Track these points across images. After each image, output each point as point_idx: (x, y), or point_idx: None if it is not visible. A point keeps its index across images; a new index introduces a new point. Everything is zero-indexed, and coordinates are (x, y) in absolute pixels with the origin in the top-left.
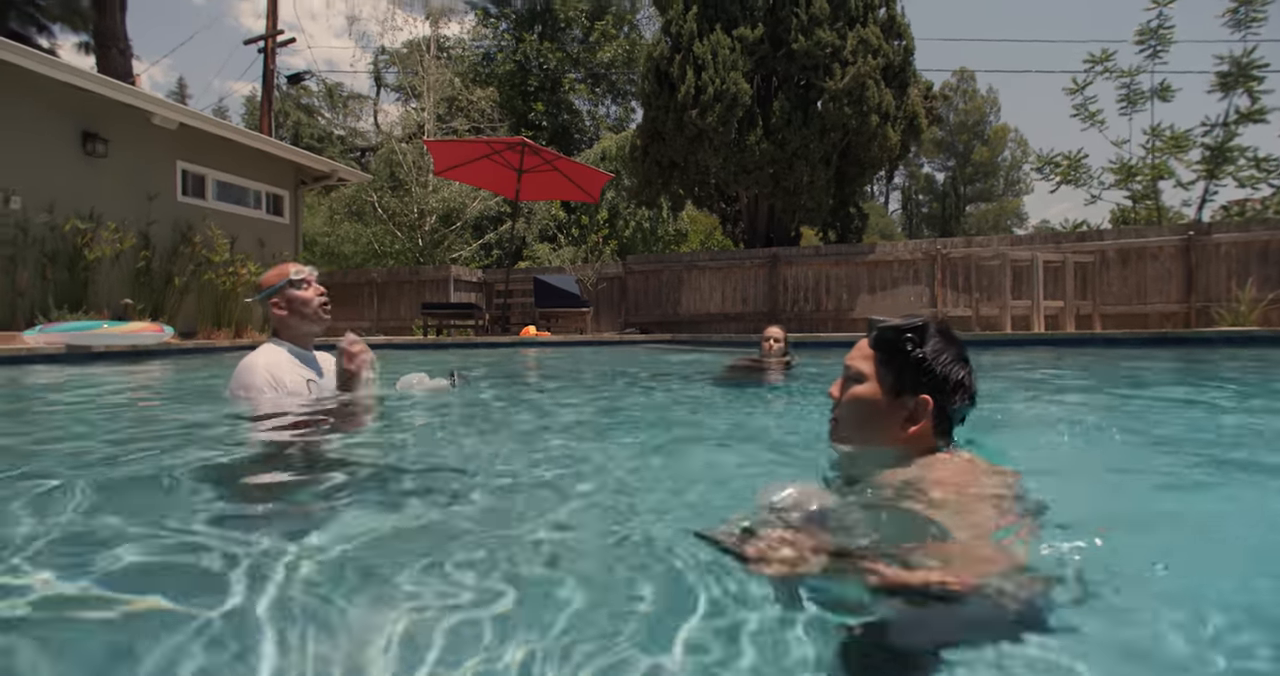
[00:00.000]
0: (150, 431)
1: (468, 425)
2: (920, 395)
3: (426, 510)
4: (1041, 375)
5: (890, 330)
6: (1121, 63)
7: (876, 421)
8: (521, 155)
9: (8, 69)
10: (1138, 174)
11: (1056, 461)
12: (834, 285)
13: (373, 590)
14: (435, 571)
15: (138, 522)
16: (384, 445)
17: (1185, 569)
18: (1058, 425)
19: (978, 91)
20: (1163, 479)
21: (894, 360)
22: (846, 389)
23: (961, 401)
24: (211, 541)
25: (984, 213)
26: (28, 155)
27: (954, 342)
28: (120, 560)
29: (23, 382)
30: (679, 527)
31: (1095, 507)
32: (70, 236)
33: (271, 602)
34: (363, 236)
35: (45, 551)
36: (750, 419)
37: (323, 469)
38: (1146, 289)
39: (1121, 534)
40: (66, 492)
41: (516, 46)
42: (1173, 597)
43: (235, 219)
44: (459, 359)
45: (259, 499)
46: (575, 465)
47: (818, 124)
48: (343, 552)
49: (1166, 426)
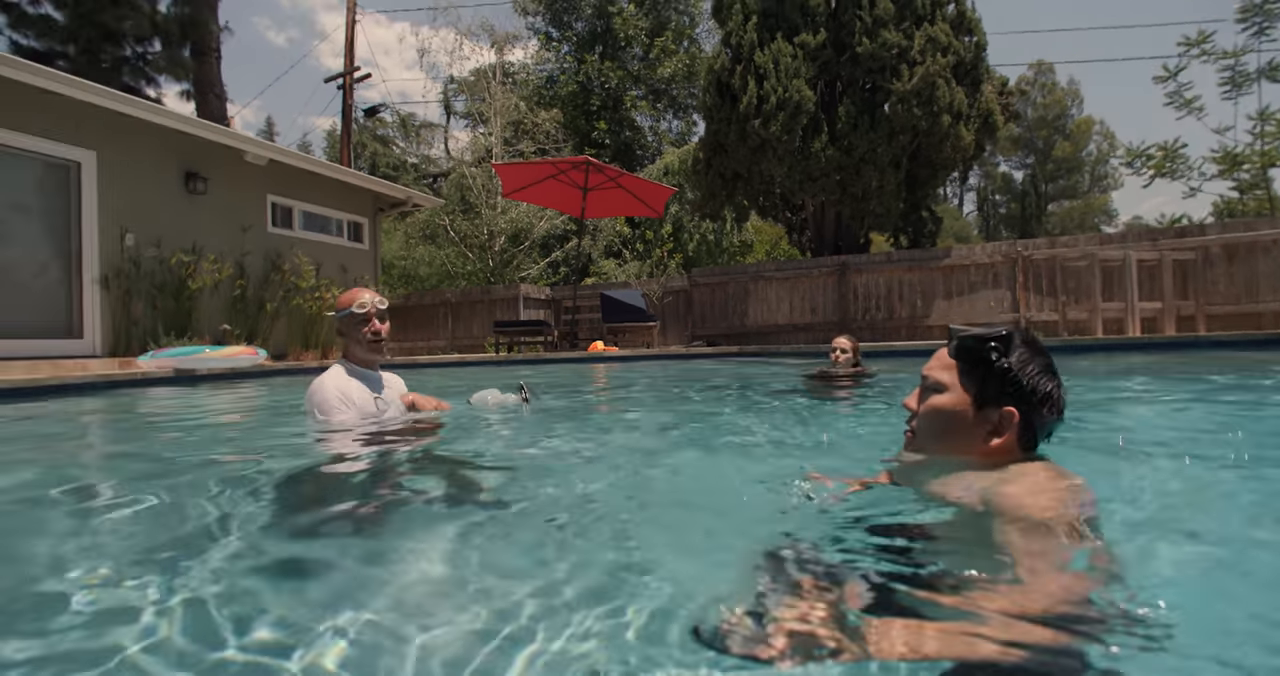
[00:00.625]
0: (242, 446)
1: (535, 437)
2: (1005, 408)
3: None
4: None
5: (973, 339)
6: (1221, 44)
7: (957, 434)
8: (586, 173)
9: (124, 120)
10: (1245, 162)
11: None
12: (907, 292)
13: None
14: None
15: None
16: (455, 457)
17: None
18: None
19: (1057, 84)
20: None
21: (977, 370)
22: (924, 399)
23: (1050, 415)
24: (300, 548)
25: (1068, 211)
26: (140, 195)
27: (1041, 353)
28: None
29: (153, 402)
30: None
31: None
32: (176, 268)
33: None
34: (436, 258)
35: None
36: (813, 429)
37: (398, 480)
38: (1259, 286)
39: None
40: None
41: (578, 68)
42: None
43: (320, 246)
44: (531, 375)
45: (342, 502)
46: (621, 476)
47: (885, 127)
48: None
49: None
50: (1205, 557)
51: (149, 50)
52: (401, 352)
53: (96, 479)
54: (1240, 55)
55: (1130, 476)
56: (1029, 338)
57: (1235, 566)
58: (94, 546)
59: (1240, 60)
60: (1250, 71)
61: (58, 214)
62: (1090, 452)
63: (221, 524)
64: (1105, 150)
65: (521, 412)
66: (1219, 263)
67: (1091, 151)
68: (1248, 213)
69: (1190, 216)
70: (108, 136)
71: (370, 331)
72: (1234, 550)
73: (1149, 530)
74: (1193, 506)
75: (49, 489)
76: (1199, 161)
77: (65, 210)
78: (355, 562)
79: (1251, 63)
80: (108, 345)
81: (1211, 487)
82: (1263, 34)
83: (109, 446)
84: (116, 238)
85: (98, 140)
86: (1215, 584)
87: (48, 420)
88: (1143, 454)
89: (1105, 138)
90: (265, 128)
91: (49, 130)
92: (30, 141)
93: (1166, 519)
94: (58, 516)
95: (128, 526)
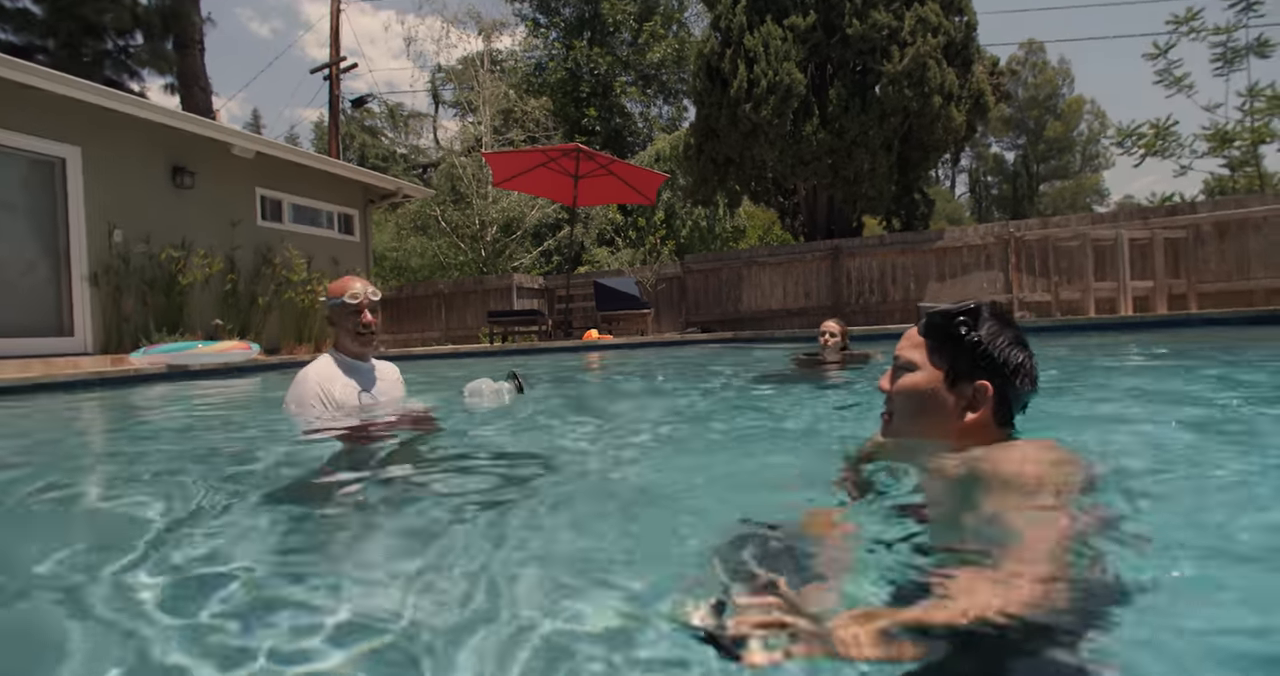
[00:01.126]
0: (212, 446)
1: (519, 428)
2: (979, 381)
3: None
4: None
5: (940, 315)
6: (1209, 20)
7: (933, 411)
8: (577, 161)
9: (108, 114)
10: (1235, 139)
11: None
12: (900, 275)
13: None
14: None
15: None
16: (435, 451)
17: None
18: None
19: (1048, 64)
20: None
21: (947, 346)
22: (897, 379)
23: (1024, 386)
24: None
25: (1059, 191)
26: (126, 191)
27: (1010, 325)
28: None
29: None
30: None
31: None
32: (165, 264)
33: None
34: (428, 250)
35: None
36: (787, 418)
37: (374, 474)
38: (1250, 263)
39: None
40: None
41: (567, 54)
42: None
43: (310, 239)
44: (523, 364)
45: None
46: (609, 463)
47: (876, 109)
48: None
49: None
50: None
51: (131, 43)
52: (396, 344)
53: (56, 475)
54: (1231, 31)
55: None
56: (997, 310)
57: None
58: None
59: (1231, 37)
60: (1240, 48)
61: (44, 211)
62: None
63: (189, 518)
64: (1096, 129)
65: (508, 401)
66: (1210, 240)
67: (1083, 131)
68: (1238, 190)
69: (1182, 195)
70: (92, 132)
71: (361, 323)
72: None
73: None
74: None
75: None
76: (1190, 139)
77: (51, 207)
78: (327, 555)
79: (1241, 39)
80: (99, 342)
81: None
82: (1250, 10)
83: (74, 442)
84: (104, 234)
85: (82, 136)
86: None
87: (36, 416)
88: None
89: (1096, 117)
90: (251, 120)
91: (31, 126)
92: (12, 138)
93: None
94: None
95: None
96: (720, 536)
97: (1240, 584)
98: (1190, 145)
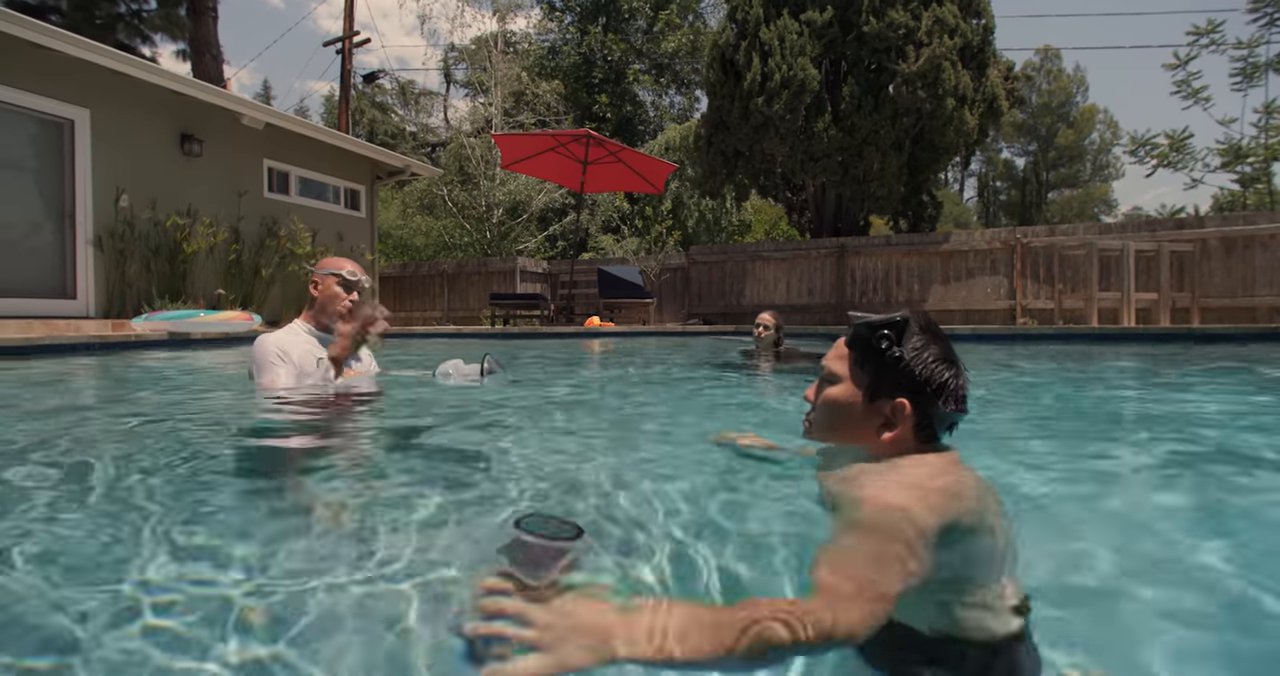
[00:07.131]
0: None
1: (479, 408)
2: (897, 399)
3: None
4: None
5: (865, 327)
6: (1230, 34)
7: (850, 426)
8: (586, 147)
9: (118, 78)
10: (1249, 155)
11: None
12: (905, 276)
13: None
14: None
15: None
16: (384, 426)
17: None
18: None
19: (1063, 70)
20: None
21: (869, 360)
22: (821, 390)
23: (946, 407)
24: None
25: (1068, 199)
26: (134, 156)
27: (939, 340)
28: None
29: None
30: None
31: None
32: (171, 231)
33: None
34: (433, 229)
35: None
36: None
37: (322, 445)
38: (1255, 280)
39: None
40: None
41: (581, 39)
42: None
43: (316, 213)
44: (518, 348)
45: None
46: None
47: (889, 109)
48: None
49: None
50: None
51: (144, 7)
52: (397, 323)
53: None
54: (1254, 46)
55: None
56: (927, 324)
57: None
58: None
59: (1253, 52)
60: (1261, 63)
61: (51, 173)
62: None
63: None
64: (1108, 139)
65: (483, 384)
66: (1216, 255)
67: (1094, 140)
68: (1249, 206)
69: (1196, 208)
70: (102, 95)
71: (344, 300)
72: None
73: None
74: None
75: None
76: (1203, 152)
77: (59, 169)
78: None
79: (1263, 55)
80: (101, 306)
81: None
82: (1273, 25)
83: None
84: (111, 198)
85: (92, 98)
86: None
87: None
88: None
89: (1109, 126)
90: (262, 91)
91: (41, 86)
92: (22, 97)
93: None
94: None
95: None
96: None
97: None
98: (1203, 158)
